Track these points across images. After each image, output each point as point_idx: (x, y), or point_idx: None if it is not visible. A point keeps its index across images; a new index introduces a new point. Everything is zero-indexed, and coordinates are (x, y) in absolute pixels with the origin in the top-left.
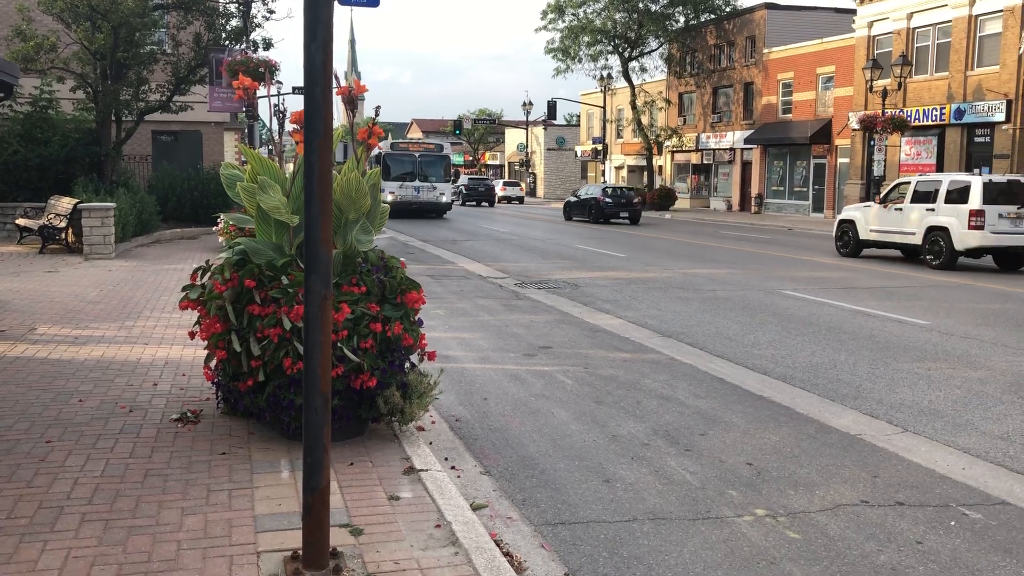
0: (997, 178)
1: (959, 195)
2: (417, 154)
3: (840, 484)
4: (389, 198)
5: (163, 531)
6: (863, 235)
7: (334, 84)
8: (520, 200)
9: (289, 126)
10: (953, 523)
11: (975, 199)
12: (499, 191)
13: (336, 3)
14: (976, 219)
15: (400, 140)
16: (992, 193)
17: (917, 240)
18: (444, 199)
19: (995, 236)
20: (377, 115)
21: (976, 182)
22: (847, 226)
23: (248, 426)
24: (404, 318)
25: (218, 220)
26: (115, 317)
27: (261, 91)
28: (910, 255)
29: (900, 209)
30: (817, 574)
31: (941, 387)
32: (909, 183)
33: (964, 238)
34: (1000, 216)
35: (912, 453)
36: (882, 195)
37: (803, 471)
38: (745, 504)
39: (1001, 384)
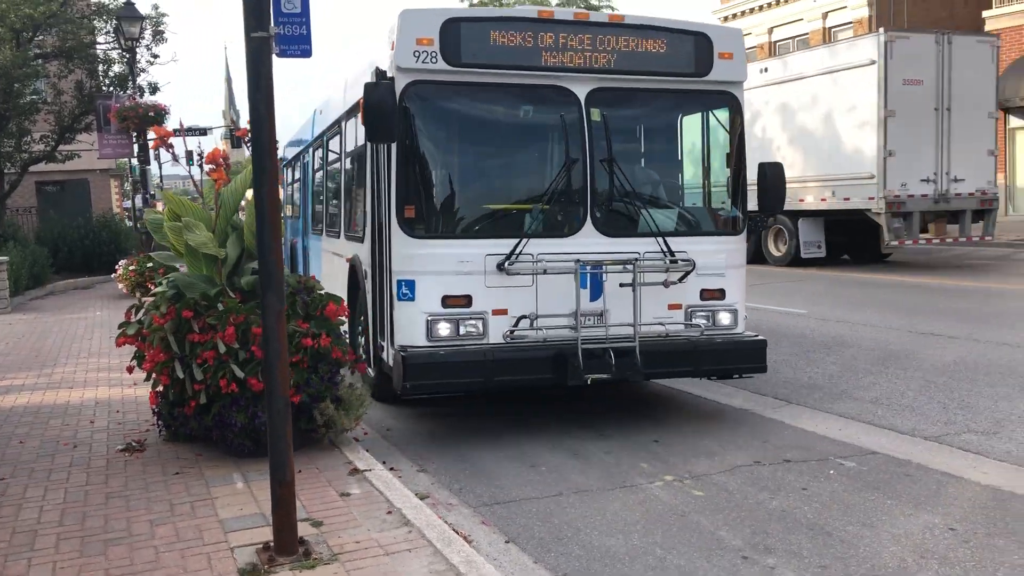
0: None
1: None
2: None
3: (736, 450)
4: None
5: (138, 540)
6: None
7: (232, 125)
8: None
9: (207, 166)
10: (832, 471)
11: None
12: None
13: (274, 56)
14: None
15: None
16: None
17: None
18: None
19: None
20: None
21: None
22: None
23: (194, 449)
24: (330, 332)
25: (116, 268)
26: (31, 367)
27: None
28: None
29: None
30: (720, 521)
31: None
32: None
33: None
34: None
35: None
36: None
37: (704, 443)
38: (655, 473)
39: None
